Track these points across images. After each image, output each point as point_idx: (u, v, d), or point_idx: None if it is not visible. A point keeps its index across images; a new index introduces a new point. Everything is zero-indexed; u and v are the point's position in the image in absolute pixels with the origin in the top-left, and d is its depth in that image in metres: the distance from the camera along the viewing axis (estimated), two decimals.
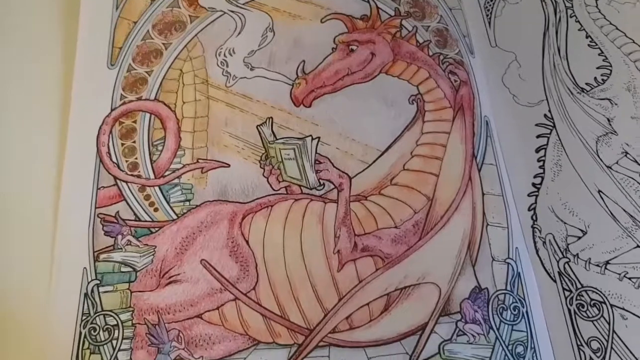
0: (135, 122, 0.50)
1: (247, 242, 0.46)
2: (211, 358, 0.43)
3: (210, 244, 0.46)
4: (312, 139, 0.49)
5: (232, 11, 0.54)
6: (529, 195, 0.50)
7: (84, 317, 0.43)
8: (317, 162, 0.49)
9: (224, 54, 0.53)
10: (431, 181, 0.49)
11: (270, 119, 0.50)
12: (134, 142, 0.50)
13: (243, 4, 0.54)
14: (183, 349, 0.43)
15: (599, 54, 0.56)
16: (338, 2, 0.55)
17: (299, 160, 0.49)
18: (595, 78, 0.55)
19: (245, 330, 0.44)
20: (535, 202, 0.50)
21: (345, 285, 0.45)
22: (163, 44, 0.53)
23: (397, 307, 0.45)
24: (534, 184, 0.51)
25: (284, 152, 0.49)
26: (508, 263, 0.46)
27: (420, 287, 0.45)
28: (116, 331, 0.43)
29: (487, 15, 0.59)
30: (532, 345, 0.44)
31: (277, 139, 0.50)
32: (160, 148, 0.50)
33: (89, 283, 0.44)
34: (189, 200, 0.48)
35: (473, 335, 0.44)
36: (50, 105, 0.51)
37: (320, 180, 0.48)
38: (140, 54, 0.52)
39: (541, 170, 0.51)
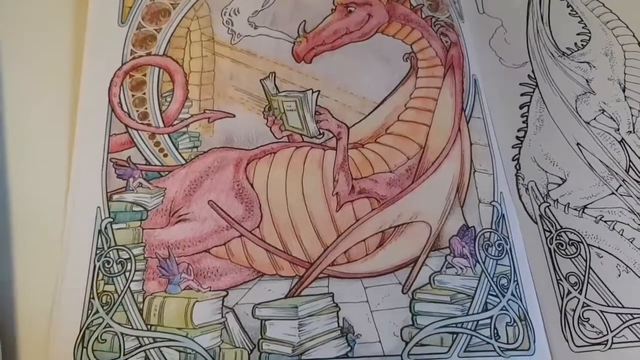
0: (145, 75, 0.53)
1: (251, 185, 0.49)
2: (218, 288, 0.46)
3: (217, 187, 0.49)
4: (313, 92, 0.52)
5: None
6: (513, 147, 0.54)
7: (98, 252, 0.46)
8: (317, 113, 0.52)
9: (229, 14, 0.56)
10: (423, 131, 0.52)
11: (273, 74, 0.53)
12: (144, 93, 0.53)
13: None
14: (192, 280, 0.46)
15: (578, 22, 0.61)
16: None
17: (300, 111, 0.52)
18: (575, 43, 0.59)
19: (250, 264, 0.47)
20: (519, 153, 0.54)
21: (343, 223, 0.48)
22: (171, 3, 0.56)
23: (391, 242, 0.48)
24: (517, 137, 0.54)
25: (286, 104, 0.52)
26: (493, 205, 0.50)
27: (412, 225, 0.49)
28: (129, 264, 0.46)
29: None
30: (515, 278, 0.48)
31: (279, 92, 0.53)
32: (169, 99, 0.52)
33: (102, 221, 0.47)
34: (196, 147, 0.51)
35: (461, 268, 0.47)
36: (64, 60, 0.54)
37: (320, 129, 0.52)
38: (150, 13, 0.55)
39: (524, 125, 0.55)
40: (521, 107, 0.56)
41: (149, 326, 0.44)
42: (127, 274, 0.46)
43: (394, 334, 0.44)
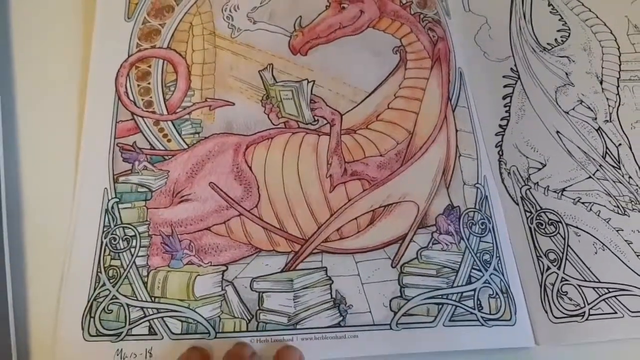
0: (149, 66, 0.56)
1: (250, 168, 0.52)
2: (219, 263, 0.49)
3: (218, 170, 0.52)
4: (308, 82, 0.56)
5: None
6: (496, 134, 0.57)
7: (105, 229, 0.49)
8: (312, 101, 0.55)
9: (230, 10, 0.59)
10: (412, 118, 0.55)
11: (271, 65, 0.57)
12: (149, 83, 0.56)
13: None
14: (194, 255, 0.49)
15: (559, 20, 0.64)
16: None
17: (296, 100, 0.55)
18: (555, 39, 0.63)
19: (248, 241, 0.50)
20: (502, 140, 0.57)
21: (336, 203, 0.51)
22: (175, 0, 0.59)
23: (381, 220, 0.51)
24: (500, 125, 0.58)
25: (283, 93, 0.55)
26: (477, 187, 0.53)
27: (401, 204, 0.52)
28: (134, 240, 0.49)
29: None
30: (497, 254, 0.51)
31: (277, 82, 0.56)
32: (172, 89, 0.56)
33: (109, 201, 0.50)
34: (198, 133, 0.54)
35: (446, 244, 0.50)
36: (74, 53, 0.57)
37: (315, 116, 0.55)
38: (154, 9, 0.59)
39: (507, 114, 0.58)
40: (504, 98, 0.59)
41: (153, 298, 0.47)
42: (133, 250, 0.48)
43: (383, 305, 0.47)
